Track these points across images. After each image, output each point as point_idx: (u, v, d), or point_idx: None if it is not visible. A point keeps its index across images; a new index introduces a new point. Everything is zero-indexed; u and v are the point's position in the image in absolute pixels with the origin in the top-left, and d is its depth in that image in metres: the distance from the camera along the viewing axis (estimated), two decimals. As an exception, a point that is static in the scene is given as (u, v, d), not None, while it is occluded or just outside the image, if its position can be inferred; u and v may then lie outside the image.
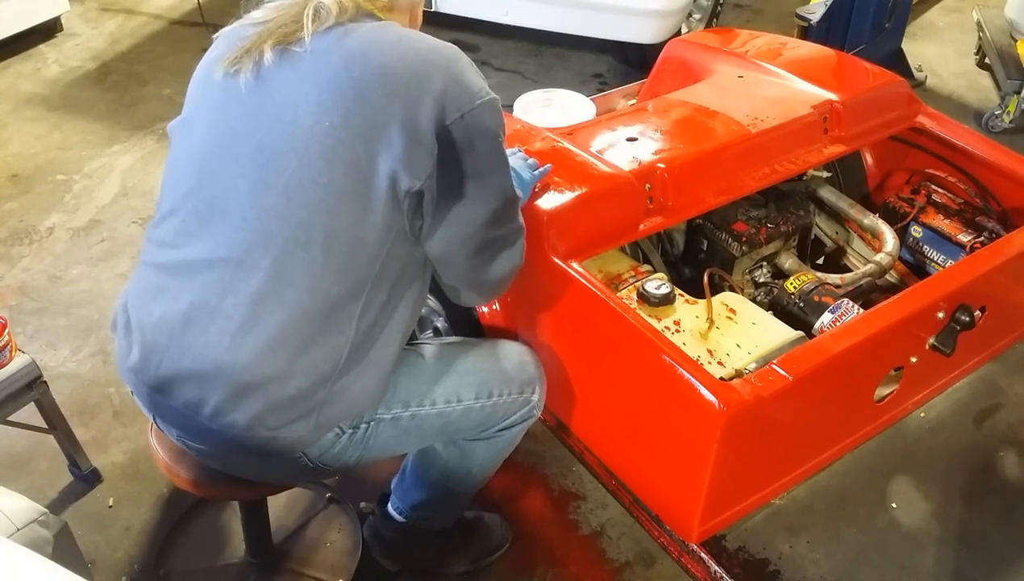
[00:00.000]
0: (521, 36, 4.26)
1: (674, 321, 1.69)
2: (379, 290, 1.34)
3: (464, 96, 1.29)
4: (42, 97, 3.97)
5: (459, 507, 1.85)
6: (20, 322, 2.62)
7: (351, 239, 1.28)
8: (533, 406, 1.64)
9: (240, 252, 1.30)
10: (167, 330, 1.34)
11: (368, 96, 1.25)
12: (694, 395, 1.40)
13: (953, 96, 3.97)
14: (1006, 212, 2.10)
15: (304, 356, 1.31)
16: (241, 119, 1.32)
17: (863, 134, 2.11)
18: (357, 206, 1.27)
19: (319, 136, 1.26)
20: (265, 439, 1.34)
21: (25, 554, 1.12)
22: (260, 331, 1.29)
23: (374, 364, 1.38)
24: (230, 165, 1.31)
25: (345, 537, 1.97)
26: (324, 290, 1.29)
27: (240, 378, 1.30)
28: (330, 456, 1.43)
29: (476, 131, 1.30)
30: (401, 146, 1.25)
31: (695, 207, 1.88)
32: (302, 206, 1.27)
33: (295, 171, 1.27)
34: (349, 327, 1.32)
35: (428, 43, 1.33)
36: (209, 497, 1.55)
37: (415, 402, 1.49)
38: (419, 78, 1.27)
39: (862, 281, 1.99)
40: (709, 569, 1.79)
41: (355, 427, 1.43)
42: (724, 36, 2.57)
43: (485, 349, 1.63)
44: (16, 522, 1.48)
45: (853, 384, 1.66)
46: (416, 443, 1.60)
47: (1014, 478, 2.15)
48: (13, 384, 1.88)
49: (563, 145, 1.92)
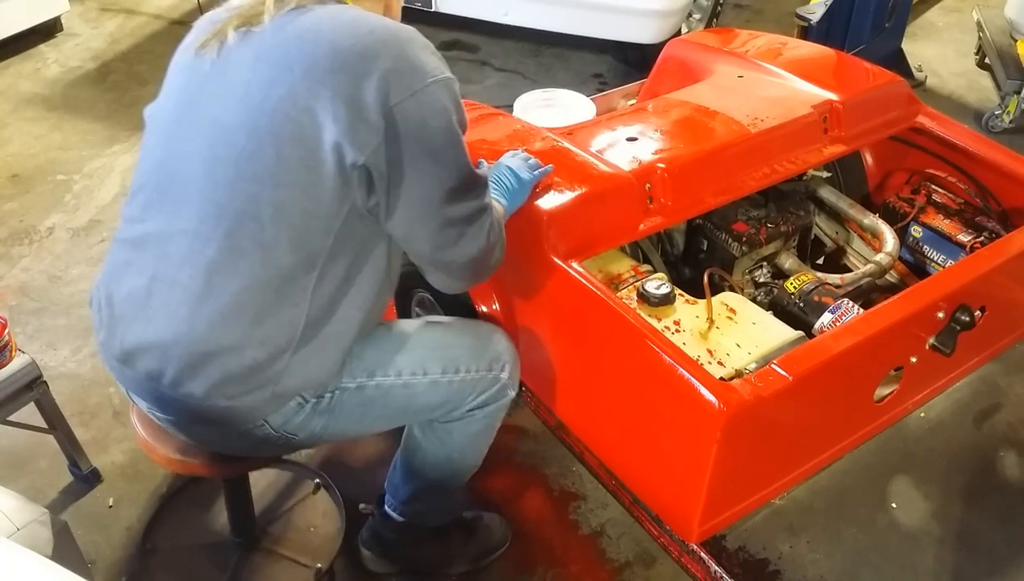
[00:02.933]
0: (521, 36, 4.26)
1: (674, 321, 1.69)
2: (335, 264, 1.36)
3: (415, 75, 1.31)
4: (42, 97, 3.97)
5: (450, 500, 1.85)
6: (20, 322, 2.62)
7: (301, 212, 1.31)
8: (503, 385, 1.64)
9: (195, 224, 1.34)
10: (132, 303, 1.39)
11: (315, 71, 1.28)
12: (694, 395, 1.40)
13: (953, 96, 3.97)
14: (1006, 212, 2.10)
15: (258, 327, 1.34)
16: (200, 97, 1.37)
17: (863, 134, 2.11)
18: (305, 179, 1.30)
19: (267, 111, 1.29)
20: (224, 408, 1.37)
21: (25, 554, 1.12)
22: (214, 301, 1.33)
23: (332, 339, 1.40)
24: (188, 141, 1.37)
25: (329, 523, 1.98)
26: (276, 261, 1.32)
27: (197, 348, 1.34)
28: (294, 425, 1.45)
29: (428, 110, 1.31)
30: (346, 121, 1.27)
31: (695, 207, 1.88)
32: (251, 179, 1.31)
33: (244, 145, 1.31)
34: (304, 300, 1.35)
35: (383, 24, 1.35)
36: (185, 472, 1.61)
37: (380, 372, 1.51)
38: (367, 56, 1.29)
39: (862, 281, 1.99)
40: (709, 569, 1.79)
41: (319, 396, 1.45)
42: (724, 36, 2.57)
43: (455, 326, 1.65)
44: (16, 522, 1.49)
45: (853, 384, 1.66)
46: (384, 417, 1.59)
47: (1014, 478, 2.15)
48: (13, 384, 1.88)
49: (563, 145, 1.92)
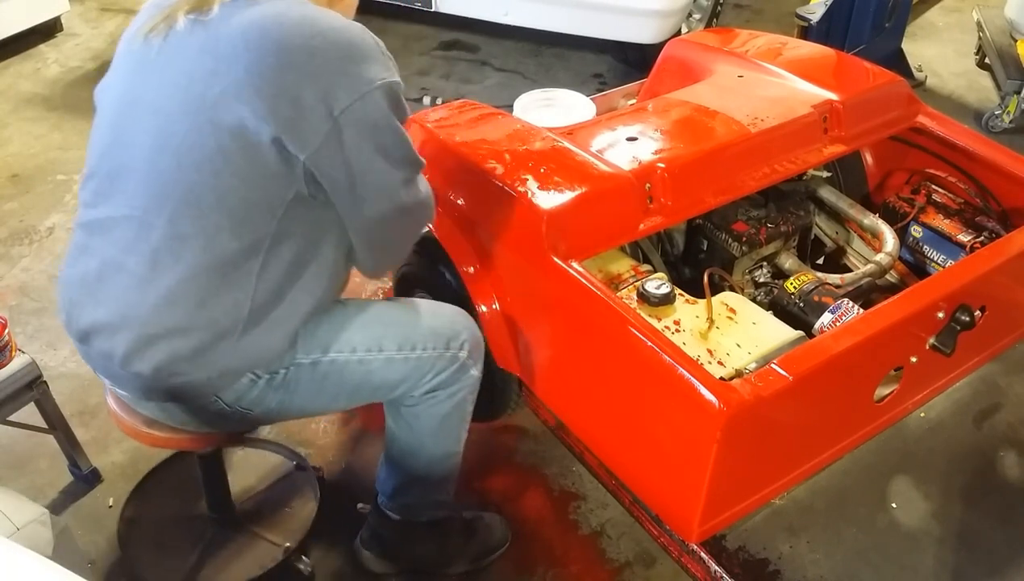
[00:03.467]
0: (521, 36, 4.26)
1: (674, 321, 1.69)
2: (281, 250, 1.40)
3: (362, 78, 1.33)
4: (42, 97, 3.97)
5: (437, 492, 1.83)
6: (20, 322, 2.62)
7: (242, 200, 1.34)
8: (462, 363, 1.64)
9: (140, 211, 1.38)
10: (85, 286, 1.45)
11: (260, 68, 1.30)
12: (694, 395, 1.40)
13: (953, 96, 3.97)
14: (1006, 212, 2.10)
15: (203, 310, 1.38)
16: (145, 83, 1.39)
17: (863, 134, 2.11)
18: (246, 170, 1.32)
19: (209, 102, 1.31)
20: (172, 386, 1.42)
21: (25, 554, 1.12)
22: (159, 286, 1.37)
23: (279, 323, 1.44)
24: (134, 127, 1.39)
25: (304, 505, 2.01)
26: (218, 247, 1.36)
27: (144, 330, 1.39)
28: (249, 401, 1.49)
29: (377, 111, 1.35)
30: (288, 119, 1.30)
31: (695, 207, 1.88)
32: (192, 168, 1.33)
33: (186, 134, 1.33)
34: (248, 284, 1.39)
35: (331, 24, 1.36)
36: (151, 445, 1.65)
37: (335, 348, 1.53)
38: (314, 57, 1.31)
39: (862, 281, 1.99)
40: (709, 569, 1.79)
41: (273, 373, 1.48)
42: (724, 36, 2.57)
43: (414, 304, 1.67)
44: (16, 522, 1.49)
45: (853, 384, 1.66)
46: (343, 394, 1.60)
47: (1014, 478, 2.15)
48: (13, 384, 1.88)
49: (563, 145, 1.92)
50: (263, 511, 2.00)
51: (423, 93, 3.91)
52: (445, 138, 1.99)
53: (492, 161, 1.86)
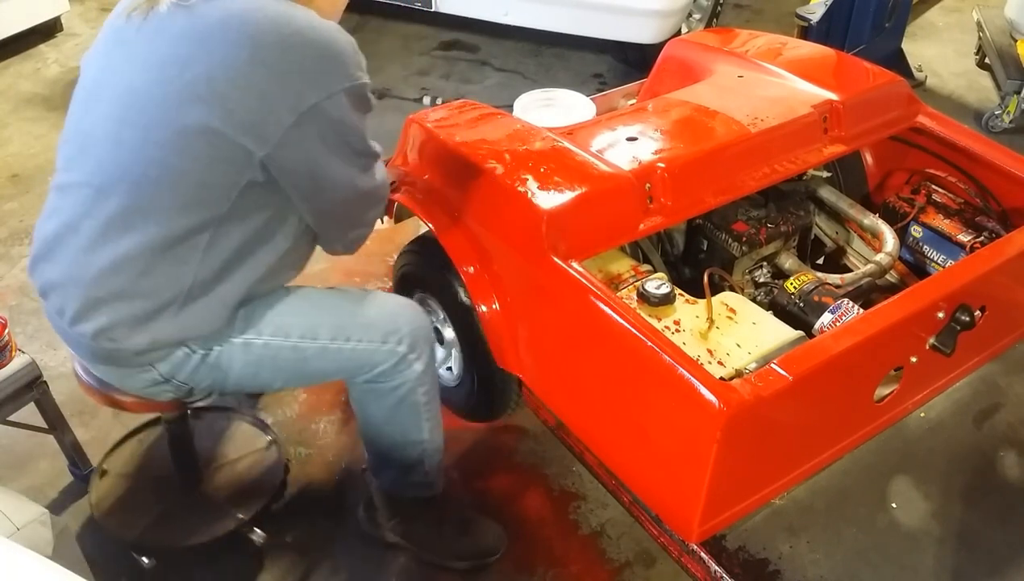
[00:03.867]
0: (521, 36, 4.26)
1: (674, 321, 1.69)
2: (231, 230, 1.44)
3: (332, 78, 1.37)
4: (42, 97, 3.97)
5: (408, 472, 1.84)
6: (20, 322, 2.62)
7: (197, 182, 1.39)
8: (402, 357, 1.65)
9: (100, 179, 1.43)
10: (46, 244, 1.51)
11: (233, 61, 1.34)
12: (694, 395, 1.40)
13: (953, 96, 3.97)
14: (1006, 212, 2.10)
15: (146, 279, 1.44)
16: (121, 60, 1.44)
17: (863, 134, 2.11)
18: (204, 154, 1.37)
19: (178, 86, 1.36)
20: (111, 350, 1.48)
21: (25, 554, 1.12)
22: (106, 253, 1.43)
23: (220, 300, 1.49)
24: (105, 101, 1.45)
25: (267, 479, 2.06)
26: (169, 222, 1.41)
27: (89, 293, 1.45)
28: (184, 374, 1.54)
29: (343, 111, 1.40)
30: (251, 111, 1.34)
31: (695, 207, 1.88)
32: (155, 146, 1.38)
33: (153, 114, 1.38)
34: (194, 259, 1.44)
35: (308, 23, 1.38)
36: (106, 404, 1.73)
37: (269, 331, 1.57)
38: (286, 54, 1.35)
39: (862, 281, 1.99)
40: (709, 569, 1.79)
41: (207, 349, 1.53)
42: (724, 36, 2.57)
43: (356, 295, 1.69)
44: (16, 522, 1.49)
45: (853, 384, 1.66)
46: (281, 378, 1.65)
47: (1014, 478, 2.15)
48: (13, 384, 1.88)
49: (563, 145, 1.92)
50: (227, 481, 2.06)
51: (423, 93, 3.91)
52: (445, 138, 1.99)
53: (492, 161, 1.86)
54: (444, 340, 2.15)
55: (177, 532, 1.94)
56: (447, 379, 2.21)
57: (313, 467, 2.17)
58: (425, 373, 1.70)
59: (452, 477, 2.14)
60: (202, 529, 1.93)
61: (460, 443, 2.23)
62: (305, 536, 2.01)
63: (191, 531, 1.93)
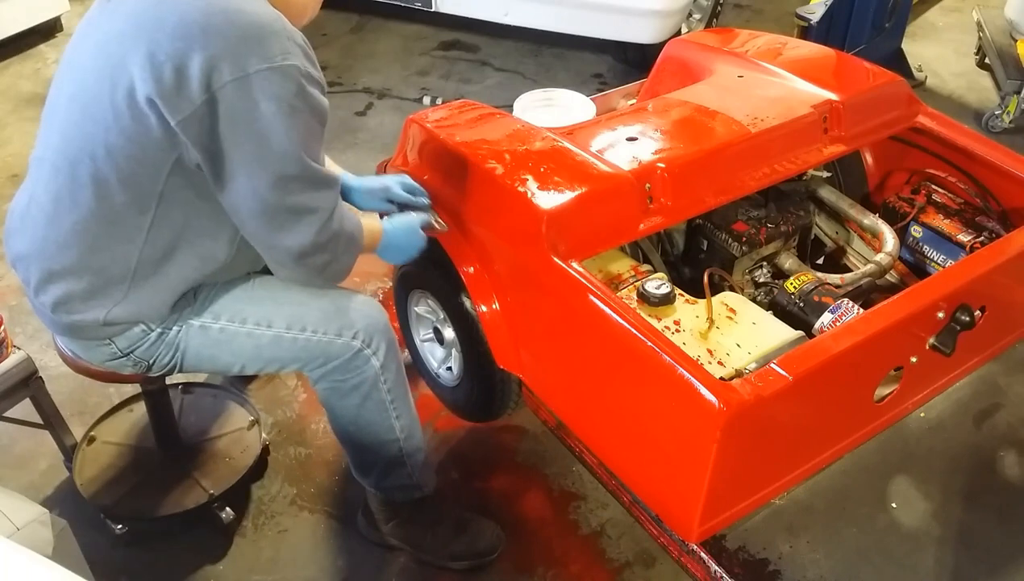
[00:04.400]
0: (521, 36, 4.26)
1: (674, 321, 1.69)
2: (172, 211, 1.47)
3: (250, 59, 1.34)
4: (42, 97, 3.91)
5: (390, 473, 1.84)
6: (20, 322, 2.63)
7: (128, 157, 1.41)
8: (358, 352, 1.66)
9: (52, 154, 1.50)
10: (17, 217, 1.59)
11: (157, 34, 1.36)
12: (694, 395, 1.40)
13: (953, 96, 3.97)
14: (1006, 212, 2.10)
15: (94, 255, 1.48)
16: (80, 40, 1.51)
17: (863, 134, 2.11)
18: (131, 128, 1.39)
19: (112, 60, 1.39)
20: (69, 323, 1.54)
21: (25, 554, 1.12)
22: (59, 226, 1.48)
23: (168, 281, 1.53)
24: (64, 79, 1.52)
25: (244, 458, 2.08)
26: (109, 198, 1.44)
27: (47, 266, 1.51)
28: (141, 351, 1.59)
29: (258, 95, 1.35)
30: (168, 84, 1.34)
31: (695, 207, 1.88)
32: (91, 120, 1.42)
33: (90, 88, 1.43)
34: (138, 238, 1.47)
35: (239, 6, 1.37)
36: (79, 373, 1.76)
37: (226, 316, 1.61)
38: (208, 31, 1.35)
39: (862, 281, 1.99)
40: (709, 569, 1.79)
41: (166, 328, 1.58)
42: (724, 36, 2.57)
43: (321, 290, 1.68)
44: (16, 522, 1.49)
45: (853, 384, 1.66)
46: (239, 362, 1.67)
47: (1014, 478, 2.15)
48: (8, 380, 1.89)
49: (563, 145, 1.92)
50: (204, 455, 2.10)
51: (423, 93, 3.91)
52: (445, 138, 1.99)
53: (492, 161, 1.86)
54: (444, 340, 2.15)
55: (150, 502, 1.99)
56: (447, 379, 2.21)
57: (313, 467, 2.17)
58: (385, 368, 1.71)
59: (452, 477, 2.14)
60: (173, 501, 1.99)
61: (460, 443, 2.23)
62: (305, 536, 2.02)
63: (163, 503, 1.99)
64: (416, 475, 1.86)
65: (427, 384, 2.33)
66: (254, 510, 2.07)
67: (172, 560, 1.96)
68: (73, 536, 1.68)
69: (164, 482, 2.03)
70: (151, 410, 2.00)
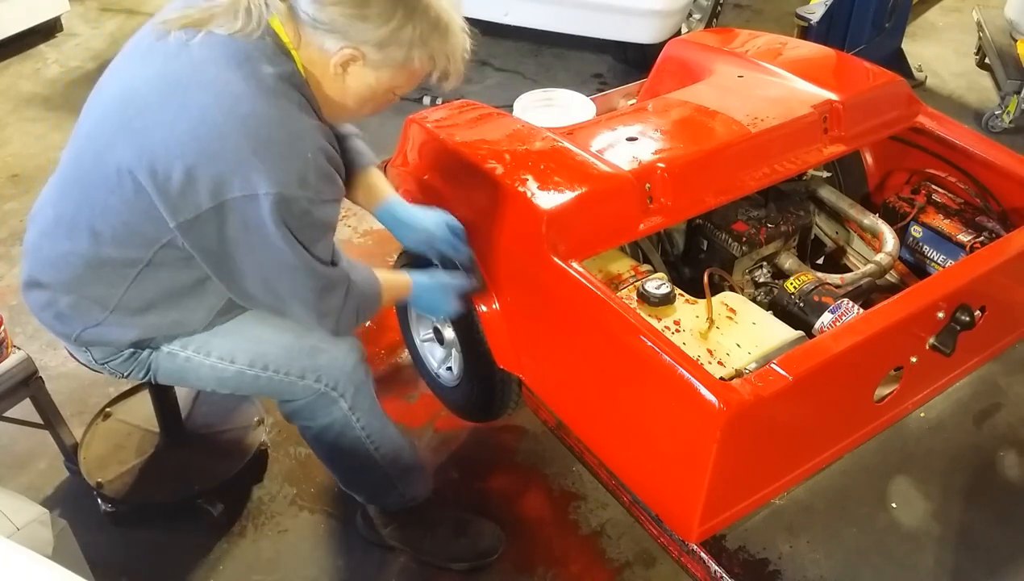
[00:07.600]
0: (521, 36, 4.26)
1: (674, 321, 1.69)
2: (159, 274, 1.47)
3: (262, 181, 1.28)
4: (42, 97, 3.97)
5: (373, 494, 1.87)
6: (20, 322, 2.63)
7: (124, 223, 1.41)
8: (322, 395, 1.65)
9: (64, 179, 1.50)
10: (37, 207, 1.59)
11: (175, 125, 1.31)
12: (694, 395, 1.40)
13: (953, 96, 3.97)
14: (1006, 212, 2.10)
15: (78, 284, 1.50)
16: (115, 73, 1.46)
17: (863, 134, 2.11)
18: (130, 200, 1.37)
19: (129, 127, 1.35)
20: (49, 325, 1.58)
21: (25, 554, 1.12)
22: (52, 246, 1.51)
23: (142, 322, 1.54)
24: (93, 102, 1.48)
25: (240, 456, 2.09)
26: (100, 248, 1.45)
27: (33, 271, 1.55)
28: (116, 365, 1.62)
29: (268, 217, 1.30)
30: (174, 185, 1.30)
31: (695, 207, 1.88)
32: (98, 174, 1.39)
33: (105, 143, 1.39)
34: (120, 286, 1.48)
35: (263, 113, 1.30)
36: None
37: (192, 347, 1.61)
38: (225, 140, 1.28)
39: (862, 281, 1.99)
40: (709, 569, 1.79)
41: (139, 349, 1.60)
42: (724, 36, 2.57)
43: (289, 327, 1.62)
44: (16, 522, 1.49)
45: (853, 384, 1.66)
46: (203, 385, 1.69)
47: (1014, 478, 2.15)
48: (8, 380, 1.90)
49: (563, 145, 1.92)
50: (203, 448, 2.11)
51: (423, 93, 3.91)
52: (445, 138, 1.99)
53: (492, 161, 1.86)
54: (444, 340, 2.15)
55: (142, 487, 2.01)
56: (447, 379, 2.21)
57: (313, 467, 2.17)
58: (355, 408, 1.69)
59: (452, 477, 2.14)
60: (168, 490, 2.01)
61: (460, 443, 2.23)
62: (305, 536, 2.02)
63: (155, 490, 2.01)
64: (408, 492, 1.86)
65: (427, 384, 2.33)
66: (254, 510, 2.07)
67: (172, 560, 1.97)
68: (73, 536, 1.68)
69: (160, 469, 2.05)
70: (155, 399, 2.02)
